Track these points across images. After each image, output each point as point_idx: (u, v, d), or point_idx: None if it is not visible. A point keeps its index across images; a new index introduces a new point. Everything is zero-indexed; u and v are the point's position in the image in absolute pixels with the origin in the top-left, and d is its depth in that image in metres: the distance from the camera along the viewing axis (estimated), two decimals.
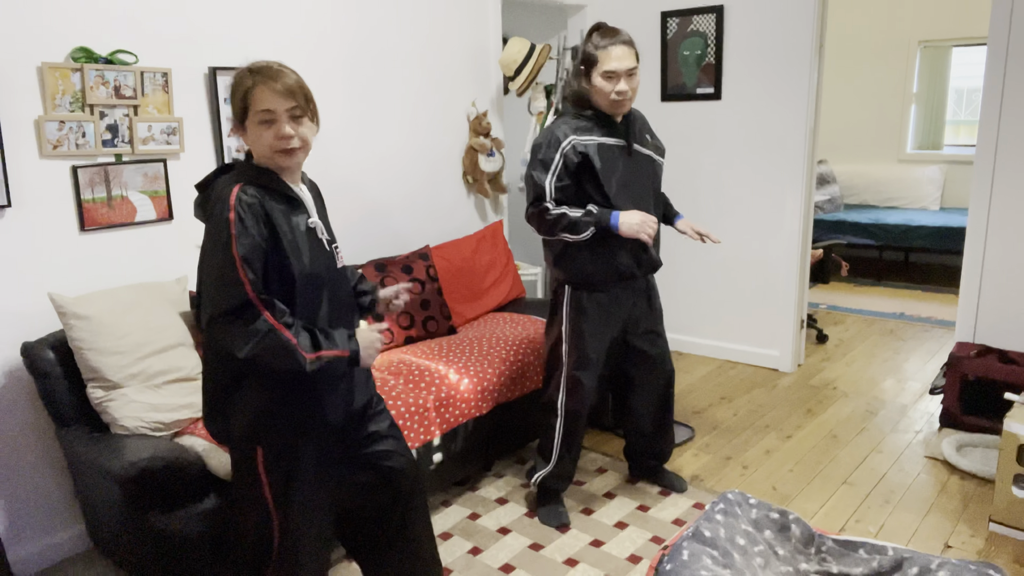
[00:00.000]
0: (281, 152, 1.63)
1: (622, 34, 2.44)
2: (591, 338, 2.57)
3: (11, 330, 2.40)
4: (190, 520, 2.11)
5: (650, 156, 2.59)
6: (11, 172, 2.35)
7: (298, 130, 1.64)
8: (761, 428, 3.45)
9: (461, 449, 2.80)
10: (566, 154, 2.43)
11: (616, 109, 2.46)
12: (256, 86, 1.60)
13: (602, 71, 2.40)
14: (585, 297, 2.56)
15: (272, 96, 1.60)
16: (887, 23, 6.44)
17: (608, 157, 2.46)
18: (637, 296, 2.65)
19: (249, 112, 1.61)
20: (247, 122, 1.63)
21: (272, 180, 1.66)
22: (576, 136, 2.45)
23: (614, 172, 2.47)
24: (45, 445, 2.52)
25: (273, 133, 1.61)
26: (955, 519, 2.67)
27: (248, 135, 1.65)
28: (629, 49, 2.42)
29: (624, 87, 2.40)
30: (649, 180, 2.58)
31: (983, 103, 3.23)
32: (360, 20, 3.33)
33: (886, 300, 5.54)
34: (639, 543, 2.57)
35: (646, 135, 2.62)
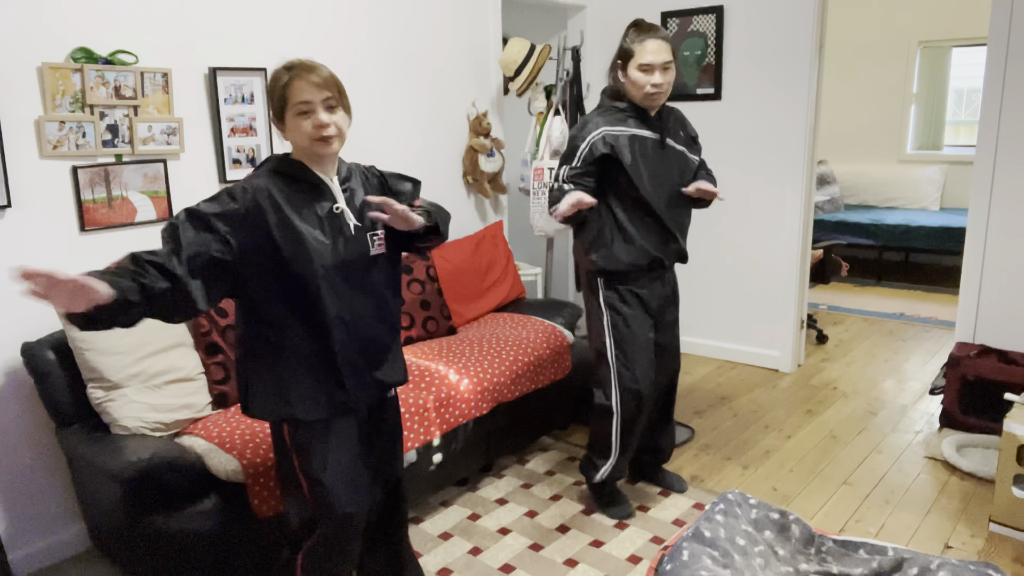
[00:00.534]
0: (319, 140, 1.73)
1: (659, 30, 2.48)
2: (636, 329, 2.58)
3: (11, 330, 2.40)
4: (190, 520, 2.11)
5: (683, 152, 2.62)
6: (11, 172, 2.35)
7: (333, 119, 1.74)
8: (761, 428, 3.45)
9: (461, 449, 2.80)
10: (593, 143, 2.48)
11: (650, 102, 2.50)
12: (292, 80, 1.71)
13: (638, 64, 2.44)
14: (622, 290, 2.58)
15: (308, 88, 1.71)
16: (887, 23, 6.44)
17: (640, 149, 2.50)
18: (666, 286, 2.68)
19: (288, 105, 1.72)
20: (286, 115, 1.74)
21: (297, 168, 1.78)
22: (608, 127, 2.49)
23: (644, 164, 2.50)
24: (45, 445, 2.51)
25: (311, 122, 1.71)
26: (955, 519, 2.67)
27: (287, 128, 1.75)
28: (665, 44, 2.45)
29: (659, 80, 2.44)
30: (680, 175, 2.60)
31: (983, 103, 3.23)
32: (360, 20, 3.33)
33: (886, 300, 5.54)
34: (639, 543, 2.57)
35: (680, 131, 2.64)
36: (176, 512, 2.11)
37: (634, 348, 2.59)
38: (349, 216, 1.80)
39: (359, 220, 1.82)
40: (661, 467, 2.96)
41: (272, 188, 1.73)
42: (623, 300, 2.58)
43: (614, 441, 2.66)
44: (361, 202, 1.84)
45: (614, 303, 2.59)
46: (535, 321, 3.32)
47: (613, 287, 2.58)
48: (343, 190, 1.83)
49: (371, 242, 1.84)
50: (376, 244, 1.85)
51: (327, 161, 1.80)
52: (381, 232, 1.87)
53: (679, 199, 2.60)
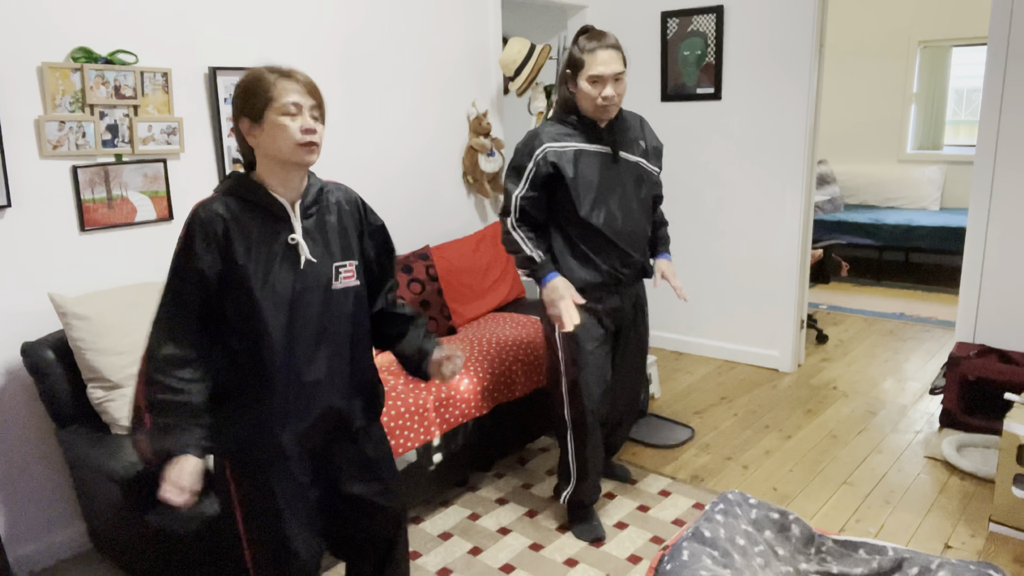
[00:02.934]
0: (304, 145, 1.60)
1: (609, 37, 2.35)
2: (587, 344, 2.49)
3: (11, 330, 2.40)
4: (190, 520, 2.11)
5: (638, 163, 2.50)
6: (11, 172, 2.35)
7: (318, 127, 1.63)
8: (761, 428, 3.45)
9: (461, 449, 2.80)
10: (538, 163, 2.38)
11: (601, 114, 2.38)
12: (280, 80, 1.59)
13: (588, 75, 2.33)
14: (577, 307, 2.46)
15: (298, 90, 1.60)
16: (887, 23, 6.44)
17: (588, 165, 2.40)
18: (625, 302, 2.58)
19: (271, 105, 1.58)
20: (266, 115, 1.58)
21: (254, 192, 1.64)
22: (553, 144, 2.39)
23: (592, 181, 2.39)
24: (45, 445, 2.52)
25: (299, 125, 1.58)
26: (955, 519, 2.67)
27: (264, 132, 1.59)
28: (616, 53, 2.33)
29: (610, 92, 2.32)
30: (636, 189, 2.49)
31: (983, 103, 3.23)
32: (360, 20, 3.33)
33: (886, 300, 5.54)
34: (639, 543, 2.57)
35: (639, 141, 2.53)
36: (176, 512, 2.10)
37: (586, 367, 2.49)
38: (304, 249, 1.64)
39: (321, 250, 1.68)
40: (609, 459, 2.96)
41: (225, 215, 1.59)
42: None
43: (571, 462, 2.59)
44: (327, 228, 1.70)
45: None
46: (535, 321, 3.32)
47: None
48: (307, 215, 1.68)
49: (335, 274, 1.69)
50: (342, 277, 1.70)
51: (294, 177, 1.65)
52: (350, 264, 1.72)
53: (635, 213, 2.49)
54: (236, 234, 1.59)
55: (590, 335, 2.50)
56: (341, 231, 1.74)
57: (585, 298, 2.46)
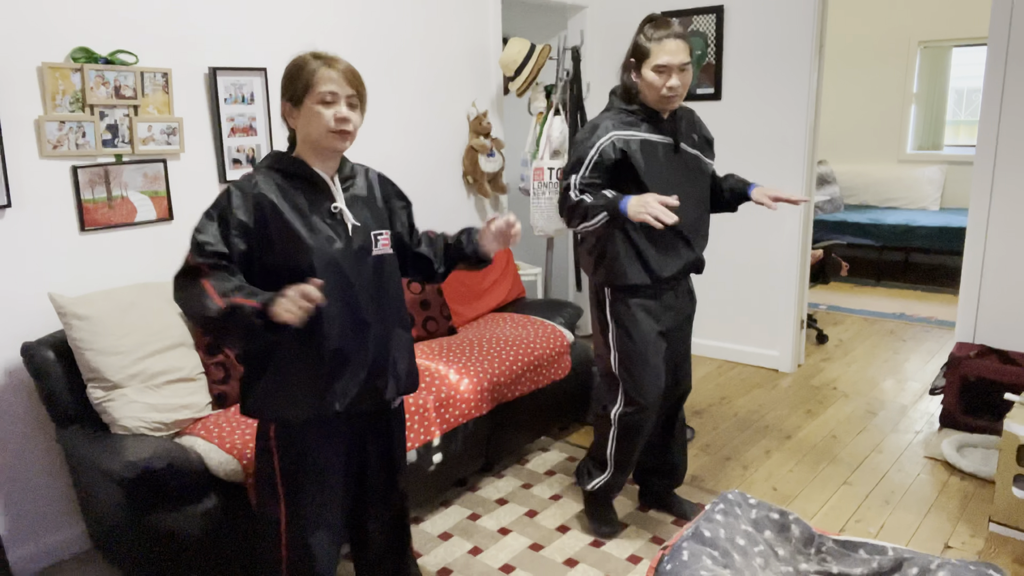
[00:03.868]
0: (336, 133, 1.69)
1: (677, 27, 2.28)
2: (643, 347, 2.41)
3: (11, 330, 2.40)
4: (190, 520, 2.11)
5: (697, 156, 2.46)
6: (11, 172, 2.35)
7: (353, 116, 1.72)
8: (761, 428, 3.45)
9: (461, 449, 2.80)
10: (603, 149, 2.30)
11: (665, 105, 2.32)
12: (322, 68, 1.68)
13: (653, 65, 2.26)
14: (631, 304, 2.41)
15: (338, 79, 1.69)
16: (887, 24, 6.44)
17: (652, 155, 2.33)
18: (679, 298, 2.53)
19: (310, 92, 1.67)
20: (305, 101, 1.68)
21: (296, 165, 1.74)
22: (618, 132, 2.32)
23: (658, 171, 2.33)
24: (45, 445, 2.51)
25: (333, 113, 1.68)
26: (955, 519, 2.67)
27: (302, 116, 1.70)
28: (683, 43, 2.27)
29: (676, 82, 2.26)
30: (696, 180, 2.44)
31: (983, 103, 3.23)
32: (360, 20, 3.33)
33: (886, 300, 5.54)
34: (639, 543, 2.57)
35: (693, 134, 2.48)
36: (176, 512, 2.11)
37: (640, 363, 2.42)
38: (348, 216, 1.76)
39: (360, 219, 1.78)
40: (673, 492, 2.77)
41: (269, 185, 1.70)
42: (631, 314, 2.41)
43: (609, 455, 2.54)
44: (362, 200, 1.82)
45: (621, 317, 2.42)
46: (535, 321, 3.32)
47: (620, 300, 2.42)
48: (344, 188, 1.79)
49: (374, 241, 1.80)
50: (380, 244, 1.81)
51: (330, 158, 1.77)
52: (386, 233, 1.84)
53: (695, 205, 2.43)
54: (282, 203, 1.69)
55: (647, 334, 2.42)
56: (372, 202, 1.85)
57: (639, 297, 2.41)
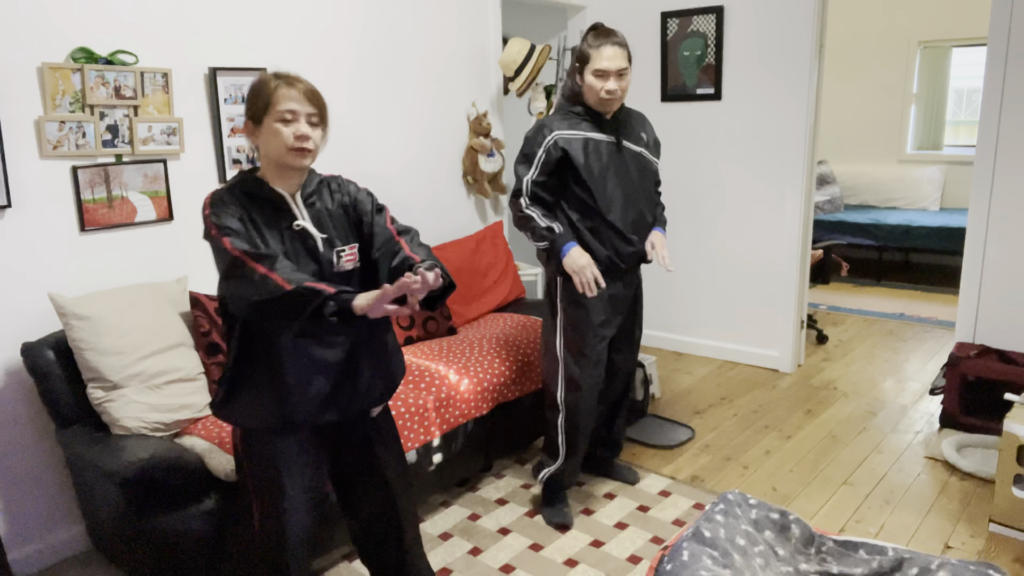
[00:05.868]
0: (295, 151, 1.70)
1: (616, 35, 2.49)
2: (588, 330, 2.57)
3: (11, 330, 2.40)
4: (190, 520, 2.11)
5: (641, 153, 2.62)
6: (11, 172, 2.35)
7: (313, 134, 1.73)
8: (761, 428, 3.45)
9: (461, 449, 2.80)
10: (548, 149, 2.49)
11: (605, 107, 2.51)
12: (281, 86, 1.70)
13: (593, 69, 2.46)
14: (577, 291, 2.54)
15: (297, 97, 1.70)
16: (887, 24, 6.44)
17: (594, 152, 2.51)
18: (627, 288, 2.67)
19: (270, 110, 1.69)
20: (265, 120, 1.70)
21: (256, 186, 1.74)
22: (561, 132, 2.50)
23: (599, 168, 2.51)
24: (45, 445, 2.51)
25: (292, 131, 1.69)
26: (955, 519, 2.67)
27: (262, 134, 1.71)
28: (621, 50, 2.47)
29: (613, 86, 2.45)
30: (640, 178, 2.60)
31: (983, 103, 3.23)
32: (360, 21, 3.33)
33: (886, 300, 5.54)
34: (639, 543, 2.57)
35: (641, 133, 2.65)
36: (176, 512, 2.11)
37: (583, 349, 2.58)
38: (312, 231, 1.74)
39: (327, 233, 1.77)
40: (613, 459, 3.01)
41: (234, 203, 1.70)
42: (577, 301, 2.56)
43: (560, 443, 2.67)
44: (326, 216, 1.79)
45: (568, 303, 2.58)
46: (535, 321, 3.32)
47: (569, 288, 2.55)
48: (308, 204, 1.78)
49: (336, 258, 1.78)
50: (344, 260, 1.79)
51: (292, 176, 1.75)
52: (350, 248, 1.81)
53: (637, 201, 2.58)
54: (245, 220, 1.69)
55: (592, 321, 2.58)
56: (339, 217, 1.83)
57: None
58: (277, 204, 1.74)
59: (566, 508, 2.73)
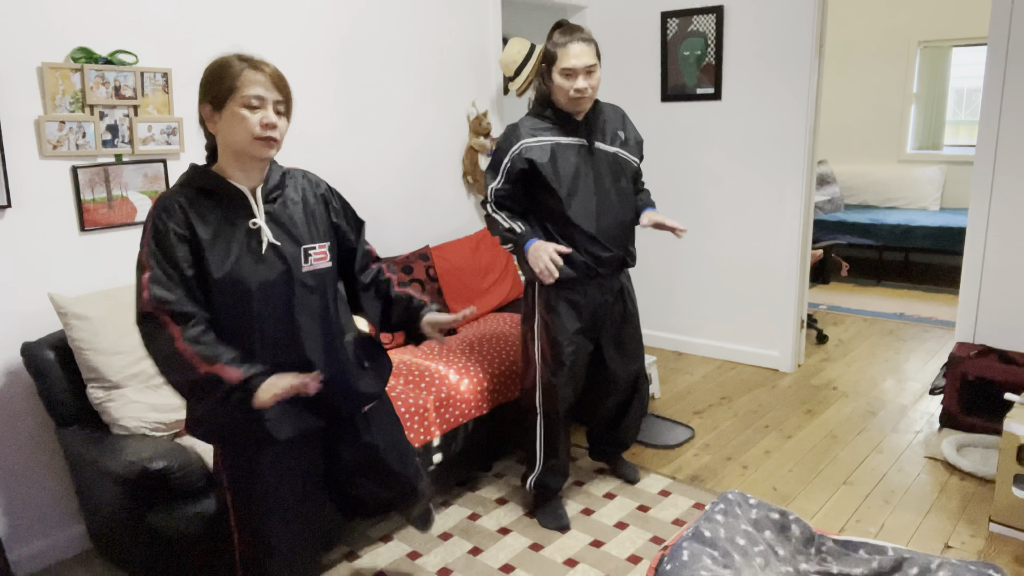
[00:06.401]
0: (261, 140, 1.59)
1: (582, 31, 2.41)
2: (562, 337, 2.54)
3: (11, 330, 2.40)
4: (190, 520, 2.11)
5: (616, 154, 2.55)
6: (11, 172, 2.35)
7: (279, 123, 1.62)
8: (761, 428, 3.45)
9: (461, 449, 2.80)
10: (513, 159, 2.45)
11: (575, 107, 2.44)
12: (247, 70, 1.57)
13: (560, 68, 2.39)
14: (554, 295, 2.52)
15: (265, 82, 1.58)
16: (887, 23, 6.44)
17: (563, 158, 2.45)
18: (606, 295, 2.60)
19: (234, 95, 1.56)
20: (228, 105, 1.57)
21: (212, 180, 1.63)
22: (529, 139, 2.45)
23: (568, 174, 2.45)
24: (45, 445, 2.52)
25: (259, 118, 1.57)
26: (955, 519, 2.67)
27: (223, 120, 1.59)
28: (587, 46, 2.39)
29: (583, 84, 2.38)
30: (614, 180, 2.53)
31: (983, 103, 3.23)
32: (360, 20, 3.33)
33: (886, 300, 5.54)
34: (639, 543, 2.57)
35: (618, 131, 2.58)
36: (176, 512, 2.11)
37: (560, 354, 2.54)
38: (266, 232, 1.64)
39: (288, 234, 1.67)
40: (619, 455, 3.01)
41: (185, 205, 1.59)
42: (553, 306, 2.53)
43: (539, 447, 2.66)
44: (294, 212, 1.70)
45: (545, 308, 2.54)
46: None
47: (545, 292, 2.53)
48: (270, 199, 1.68)
49: (304, 256, 1.68)
50: (313, 259, 1.70)
51: (254, 168, 1.64)
52: (320, 246, 1.72)
53: (613, 206, 2.52)
54: (197, 222, 1.58)
55: (567, 327, 2.54)
56: (308, 214, 1.74)
57: (564, 292, 2.52)
58: (235, 200, 1.63)
59: (560, 511, 2.71)
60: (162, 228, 1.57)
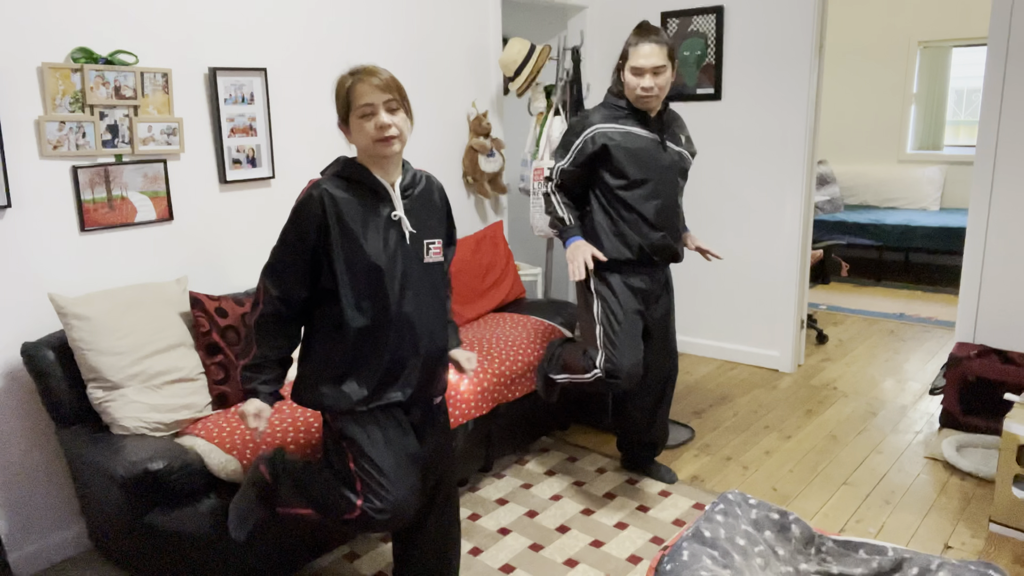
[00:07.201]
0: (381, 140, 1.78)
1: (656, 34, 2.52)
2: (624, 317, 2.60)
3: (11, 330, 2.40)
4: (190, 520, 2.11)
5: (681, 153, 2.67)
6: (11, 172, 2.35)
7: (395, 120, 1.80)
8: (761, 428, 3.45)
9: (461, 449, 2.80)
10: (586, 141, 2.56)
11: (643, 104, 2.55)
12: (356, 84, 1.78)
13: (630, 66, 2.50)
14: (611, 279, 2.63)
15: (371, 90, 1.77)
16: (887, 23, 6.44)
17: (636, 146, 2.55)
18: (655, 284, 2.71)
19: (352, 108, 1.79)
20: (350, 118, 1.80)
21: (359, 172, 1.84)
22: (604, 125, 2.56)
23: (641, 160, 2.56)
24: (45, 445, 2.51)
25: (374, 123, 1.77)
26: (955, 519, 2.67)
27: (351, 131, 1.82)
28: (658, 47, 2.48)
29: (649, 83, 2.49)
30: (675, 178, 2.65)
31: (983, 103, 3.23)
32: (360, 21, 3.33)
33: (886, 300, 5.54)
34: (639, 543, 2.57)
35: (680, 135, 2.70)
36: (176, 512, 2.11)
37: (623, 333, 2.60)
38: (406, 224, 1.86)
39: (416, 227, 1.88)
40: (653, 459, 3.03)
41: (333, 193, 1.79)
42: (611, 289, 2.62)
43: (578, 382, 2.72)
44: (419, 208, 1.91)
45: (603, 291, 2.63)
46: (535, 321, 3.32)
47: (602, 276, 2.63)
48: (404, 196, 1.88)
49: (426, 249, 1.91)
50: (432, 252, 1.92)
51: (389, 165, 1.86)
52: (438, 242, 1.94)
53: (674, 200, 2.65)
54: (346, 209, 1.80)
55: (623, 301, 2.63)
56: (431, 211, 1.96)
57: (618, 274, 2.63)
58: (378, 192, 1.85)
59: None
60: (303, 213, 1.79)
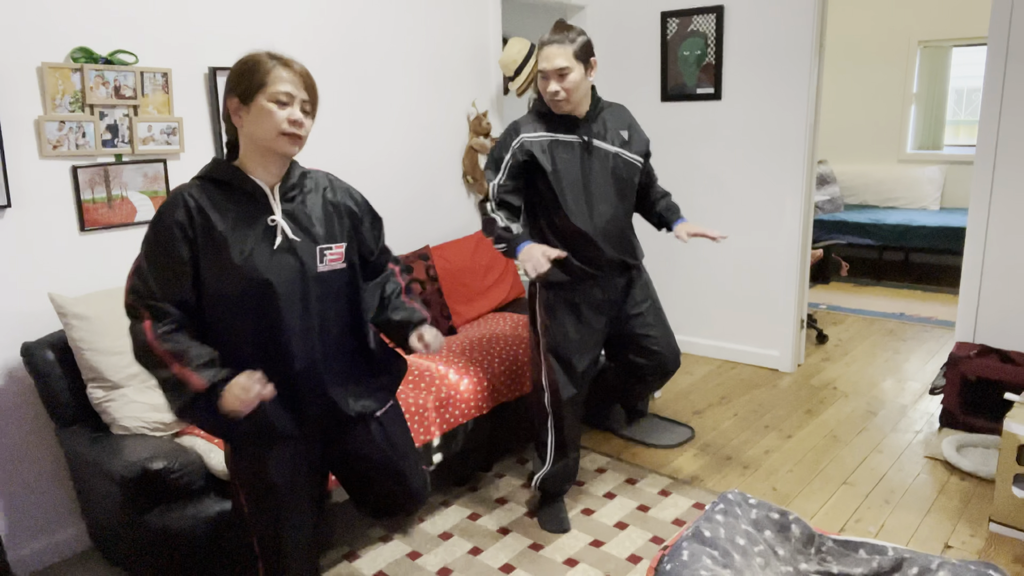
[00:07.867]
0: (287, 136, 1.62)
1: (563, 33, 2.37)
2: (564, 337, 2.57)
3: (11, 330, 2.40)
4: (190, 520, 2.11)
5: (617, 154, 2.53)
6: (11, 172, 2.35)
7: (306, 121, 1.65)
8: (761, 428, 3.45)
9: (461, 449, 2.80)
10: (514, 152, 2.44)
11: (556, 109, 2.43)
12: (278, 67, 1.61)
13: (538, 70, 2.41)
14: (553, 296, 2.56)
15: (294, 80, 1.62)
16: (887, 23, 6.44)
17: (562, 154, 2.45)
18: (609, 292, 2.61)
19: (264, 89, 1.59)
20: (256, 99, 1.59)
21: (232, 174, 1.65)
22: (528, 135, 2.45)
23: (565, 169, 2.45)
24: (45, 445, 2.52)
25: (287, 115, 1.61)
26: (955, 519, 2.67)
27: (251, 114, 1.61)
28: (561, 48, 2.34)
29: (554, 87, 2.36)
30: (612, 178, 2.52)
31: (983, 103, 3.23)
32: (360, 20, 3.33)
33: (886, 300, 5.54)
34: (639, 543, 2.57)
35: (620, 131, 2.55)
36: (176, 512, 2.11)
37: (565, 353, 2.57)
38: (285, 229, 1.65)
39: (308, 231, 1.68)
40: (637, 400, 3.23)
41: (202, 198, 1.61)
42: (554, 307, 2.56)
43: (550, 444, 2.66)
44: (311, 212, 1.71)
45: (547, 308, 2.57)
46: None
47: (546, 294, 2.57)
48: (288, 199, 1.69)
49: (319, 256, 1.69)
50: (327, 259, 1.70)
51: (276, 164, 1.66)
52: (337, 247, 1.73)
53: (611, 208, 2.51)
54: (213, 213, 1.61)
55: (566, 329, 2.56)
56: (327, 215, 1.75)
57: (561, 293, 2.54)
58: (254, 196, 1.65)
59: (562, 514, 2.70)
60: (166, 221, 1.60)
